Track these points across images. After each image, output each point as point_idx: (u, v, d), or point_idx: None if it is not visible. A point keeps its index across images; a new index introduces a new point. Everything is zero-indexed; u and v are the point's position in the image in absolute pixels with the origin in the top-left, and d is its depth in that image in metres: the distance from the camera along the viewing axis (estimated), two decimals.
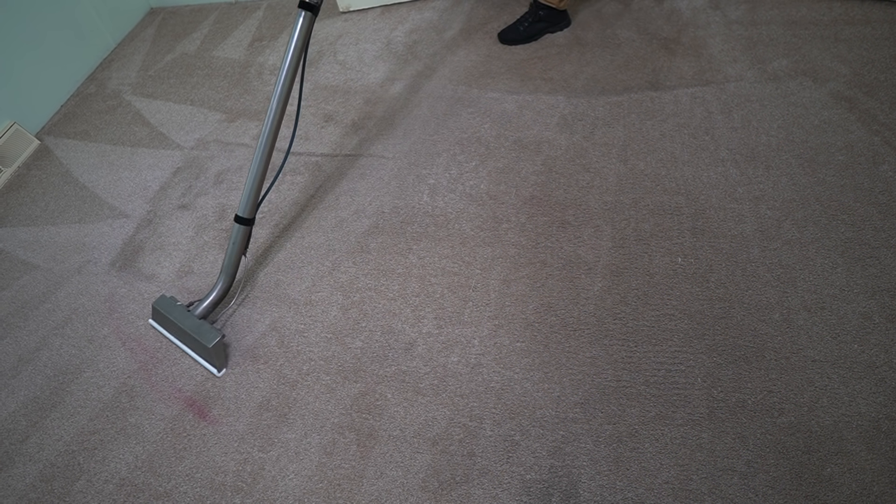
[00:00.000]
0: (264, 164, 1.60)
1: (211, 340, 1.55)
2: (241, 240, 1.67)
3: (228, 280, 1.71)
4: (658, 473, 1.26)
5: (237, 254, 1.68)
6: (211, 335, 1.56)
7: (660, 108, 2.00)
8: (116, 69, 2.91)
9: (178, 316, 1.65)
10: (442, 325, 1.59)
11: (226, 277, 1.70)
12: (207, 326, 1.60)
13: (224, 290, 1.71)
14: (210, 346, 1.54)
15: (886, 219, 1.57)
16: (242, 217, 1.64)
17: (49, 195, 2.29)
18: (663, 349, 1.44)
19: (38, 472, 1.51)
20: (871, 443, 1.23)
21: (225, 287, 1.71)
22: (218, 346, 1.56)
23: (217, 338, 1.55)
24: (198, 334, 1.58)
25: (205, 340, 1.56)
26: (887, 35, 2.04)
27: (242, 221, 1.64)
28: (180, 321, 1.63)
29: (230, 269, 1.70)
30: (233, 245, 1.67)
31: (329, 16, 2.87)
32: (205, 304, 1.68)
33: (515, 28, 2.41)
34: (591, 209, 1.76)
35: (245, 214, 1.64)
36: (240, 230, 1.65)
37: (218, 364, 1.60)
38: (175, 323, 1.64)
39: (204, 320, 1.64)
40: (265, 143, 1.57)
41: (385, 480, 1.34)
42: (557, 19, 2.39)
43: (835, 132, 1.79)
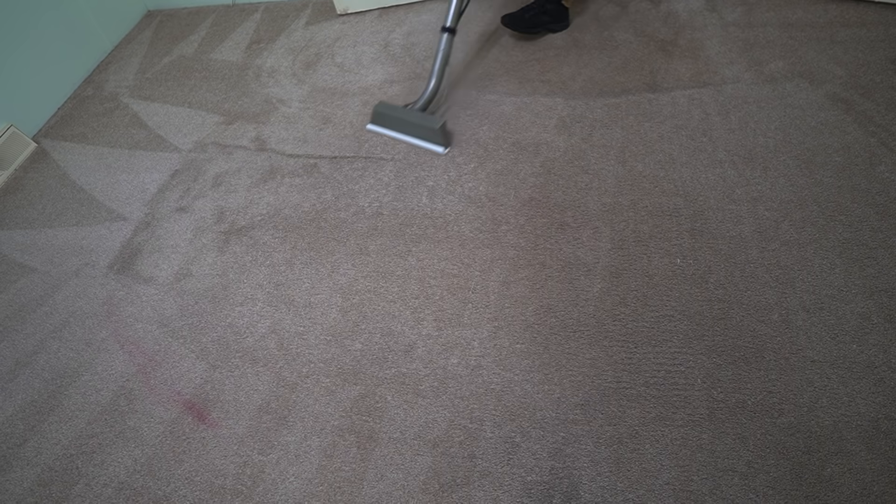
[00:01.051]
0: None
1: (437, 123, 1.97)
2: (448, 46, 2.05)
3: (437, 82, 2.08)
4: (659, 474, 1.26)
5: (443, 61, 2.06)
6: (435, 120, 1.99)
7: (657, 110, 2.00)
8: (114, 72, 2.90)
9: (401, 113, 2.08)
10: (441, 326, 1.59)
11: (436, 80, 2.08)
12: (429, 115, 2.05)
13: (435, 89, 2.09)
14: (437, 127, 1.96)
15: (884, 219, 1.58)
16: (449, 27, 2.03)
17: (46, 198, 2.28)
18: (663, 350, 1.44)
19: (36, 476, 1.50)
20: (870, 443, 1.23)
21: (435, 87, 2.09)
22: (443, 126, 1.98)
23: (441, 121, 1.98)
24: (424, 121, 2.01)
25: (431, 124, 1.98)
26: (882, 37, 2.05)
27: (449, 31, 2.04)
28: (405, 116, 2.06)
29: (440, 72, 2.07)
30: (442, 52, 2.05)
31: (327, 18, 2.87)
32: (421, 101, 2.10)
33: (521, 15, 2.41)
34: (589, 211, 1.76)
35: (451, 25, 2.04)
36: (447, 38, 2.04)
37: (444, 142, 2.02)
38: (400, 118, 2.07)
39: (424, 111, 2.08)
40: None
41: (385, 483, 1.34)
42: (561, 16, 2.40)
43: (831, 134, 1.80)
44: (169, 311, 1.79)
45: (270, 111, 2.42)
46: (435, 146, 2.03)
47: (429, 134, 2.02)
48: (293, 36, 2.82)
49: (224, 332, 1.70)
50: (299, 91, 2.48)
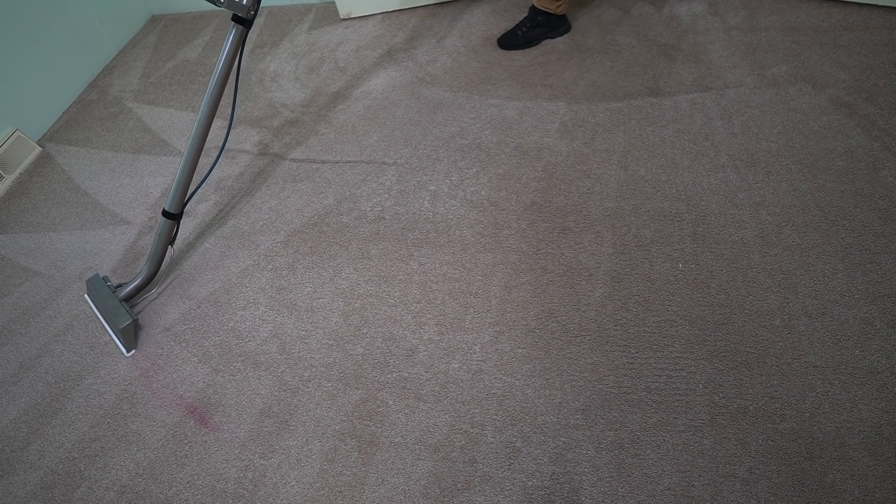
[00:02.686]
0: (191, 165, 1.69)
1: (122, 322, 1.68)
2: (167, 232, 1.77)
3: (153, 269, 1.81)
4: (660, 480, 1.26)
5: (163, 245, 1.78)
6: (124, 317, 1.70)
7: (660, 114, 2.00)
8: (118, 76, 2.92)
9: (103, 295, 1.78)
10: (443, 331, 1.60)
11: (150, 266, 1.80)
12: (124, 309, 1.72)
13: (147, 278, 1.82)
14: (120, 327, 1.68)
15: (887, 224, 1.58)
16: (169, 212, 1.73)
17: (51, 202, 2.29)
18: (664, 355, 1.44)
19: (39, 479, 1.51)
20: (873, 449, 1.23)
21: (149, 275, 1.81)
22: (128, 328, 1.69)
23: (128, 321, 1.69)
24: (114, 314, 1.71)
25: (118, 321, 1.69)
26: (886, 41, 2.05)
27: (169, 216, 1.74)
28: (104, 300, 1.76)
29: (155, 258, 1.79)
30: (158, 237, 1.76)
31: (330, 23, 2.88)
32: (128, 288, 1.79)
33: (514, 33, 2.42)
34: (591, 215, 1.76)
35: (172, 209, 1.73)
36: (165, 223, 1.75)
37: (127, 345, 1.73)
38: (102, 301, 1.77)
39: (124, 302, 1.76)
40: (193, 146, 1.66)
41: (386, 487, 1.34)
42: (556, 24, 2.40)
43: (834, 138, 1.80)
44: (171, 315, 1.80)
45: (273, 115, 2.43)
46: (119, 345, 1.76)
47: (116, 330, 1.73)
48: (296, 40, 2.83)
49: (226, 336, 1.71)
50: (302, 95, 2.49)
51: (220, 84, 1.63)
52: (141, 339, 1.75)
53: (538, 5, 2.32)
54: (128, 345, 1.73)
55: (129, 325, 1.69)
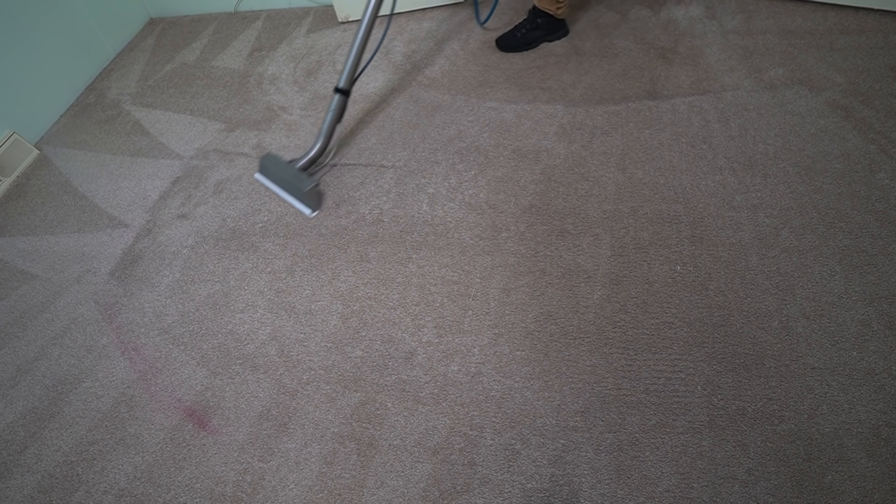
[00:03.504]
0: (362, 44, 1.97)
1: (306, 185, 1.94)
2: (338, 108, 2.01)
3: (324, 142, 2.06)
4: (659, 482, 1.26)
5: (333, 121, 2.03)
6: (308, 182, 1.95)
7: (657, 117, 2.01)
8: (116, 79, 2.92)
9: (282, 168, 2.05)
10: (442, 333, 1.60)
11: (323, 140, 2.05)
12: (305, 175, 1.99)
13: (320, 150, 2.07)
14: (305, 190, 1.94)
15: (883, 226, 1.58)
16: (341, 88, 1.99)
17: (48, 205, 2.29)
18: (663, 357, 1.44)
19: (37, 483, 1.50)
20: (871, 450, 1.23)
21: (321, 148, 2.06)
22: (312, 190, 1.95)
23: (311, 184, 1.94)
24: (297, 181, 1.98)
25: (302, 185, 1.95)
26: (882, 44, 2.06)
27: (341, 92, 1.99)
28: (283, 172, 2.04)
29: (327, 133, 2.04)
30: (331, 113, 2.01)
31: (328, 26, 2.88)
32: (304, 160, 2.06)
33: (513, 34, 2.42)
34: (590, 218, 1.77)
35: (344, 86, 1.99)
36: (338, 99, 2.00)
37: (311, 206, 1.99)
38: (280, 174, 2.05)
39: (303, 171, 2.03)
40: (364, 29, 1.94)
41: (386, 490, 1.34)
42: (555, 27, 2.41)
43: (831, 141, 1.81)
44: (170, 317, 1.79)
45: (272, 118, 2.43)
46: (303, 207, 2.01)
47: (300, 194, 1.99)
48: (295, 43, 2.84)
49: (225, 339, 1.71)
50: (301, 98, 2.49)
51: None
52: (139, 341, 1.75)
53: (539, 6, 2.33)
54: (312, 206, 1.98)
55: (314, 188, 1.95)
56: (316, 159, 2.07)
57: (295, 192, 2.01)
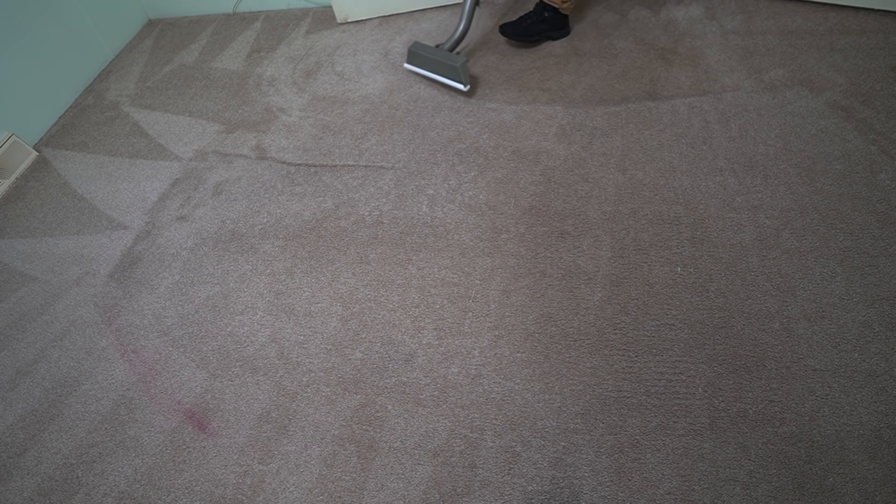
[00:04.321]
0: None
1: (458, 62, 2.15)
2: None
3: (466, 24, 2.26)
4: (660, 484, 1.26)
5: (473, 2, 2.23)
6: (458, 58, 2.16)
7: (657, 118, 2.01)
8: (115, 80, 2.91)
9: (431, 51, 2.27)
10: (442, 335, 1.59)
11: (465, 22, 2.25)
12: (454, 55, 2.20)
13: (463, 32, 2.27)
14: (458, 66, 2.14)
15: (884, 227, 1.58)
16: None
17: (47, 207, 2.29)
18: (664, 359, 1.44)
19: (37, 485, 1.50)
20: (873, 452, 1.23)
21: (464, 30, 2.27)
22: (464, 65, 2.15)
23: (462, 60, 2.15)
24: (449, 59, 2.18)
25: (453, 62, 2.16)
26: (882, 45, 2.05)
27: None
28: (433, 54, 2.25)
29: (468, 15, 2.25)
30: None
31: (327, 27, 2.88)
32: (449, 42, 2.29)
33: (518, 23, 2.42)
34: (590, 219, 1.76)
35: None
36: None
37: (464, 80, 2.19)
38: (429, 57, 2.27)
39: (451, 51, 2.26)
40: None
41: (386, 493, 1.34)
42: (560, 24, 2.41)
43: (832, 141, 1.80)
44: (169, 319, 1.79)
45: (271, 120, 2.43)
46: (456, 83, 2.22)
47: (451, 72, 2.20)
48: (293, 45, 2.83)
49: (224, 341, 1.70)
50: (300, 100, 2.49)
51: None
52: (139, 344, 1.75)
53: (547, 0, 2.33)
54: (464, 81, 2.19)
55: (464, 62, 2.15)
56: (461, 40, 2.28)
57: (447, 70, 2.22)
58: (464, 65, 2.15)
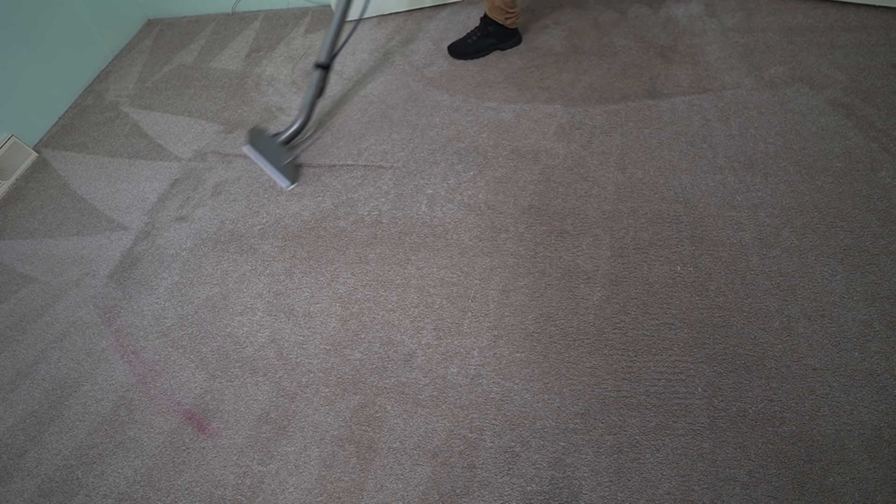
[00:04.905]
0: (340, 21, 2.02)
1: (285, 159, 2.05)
2: (319, 83, 2.09)
3: (306, 117, 2.14)
4: (659, 484, 1.25)
5: (315, 96, 2.11)
6: (286, 155, 2.06)
7: (657, 117, 2.00)
8: (114, 81, 2.91)
9: (265, 140, 2.15)
10: (441, 336, 1.59)
11: (304, 115, 2.13)
12: (286, 149, 2.09)
13: (302, 124, 2.15)
14: (283, 164, 2.06)
15: (885, 225, 1.57)
16: (321, 63, 2.06)
17: (47, 207, 2.29)
18: (663, 358, 1.43)
19: (37, 487, 1.50)
20: (873, 452, 1.23)
21: (303, 122, 2.14)
22: (290, 163, 2.06)
23: (290, 157, 2.06)
24: (277, 153, 2.09)
25: (282, 158, 2.07)
26: (883, 41, 2.05)
27: (322, 67, 2.07)
28: (266, 144, 2.15)
29: (308, 108, 2.12)
30: (311, 87, 2.09)
31: (326, 26, 2.87)
32: (286, 134, 2.14)
33: (465, 41, 2.44)
34: (589, 218, 1.76)
35: (324, 61, 2.06)
36: (318, 74, 2.07)
37: (290, 178, 2.08)
38: (264, 145, 2.16)
39: (285, 145, 2.12)
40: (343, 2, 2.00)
41: (385, 493, 1.34)
42: (506, 36, 2.42)
43: (832, 139, 1.80)
44: (169, 320, 1.79)
45: (270, 119, 2.42)
46: (282, 179, 2.09)
47: (279, 167, 2.10)
48: (292, 44, 2.83)
49: (224, 342, 1.70)
50: (299, 99, 2.49)
51: None
52: (138, 344, 1.75)
53: (489, 15, 2.34)
54: (291, 179, 2.07)
55: (291, 161, 2.06)
56: (297, 133, 2.16)
57: (276, 163, 2.11)
58: (290, 164, 2.06)
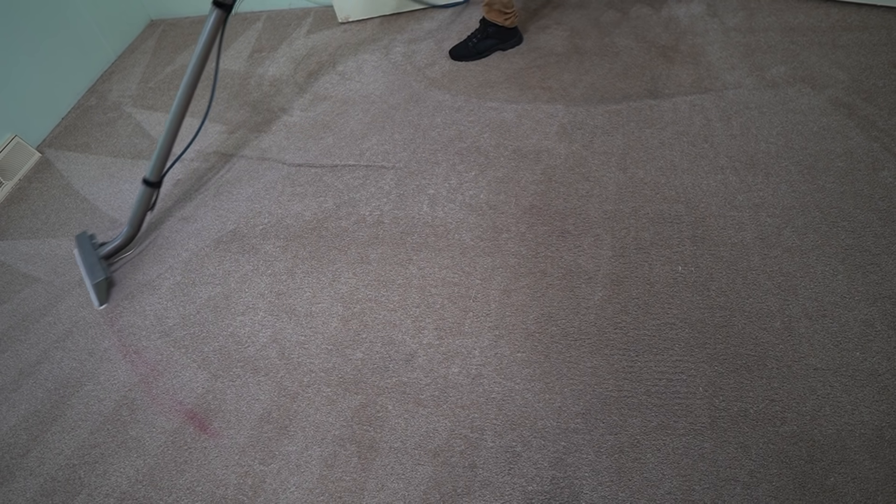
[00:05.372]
0: (170, 139, 1.87)
1: (97, 278, 1.87)
2: (145, 199, 1.94)
3: (132, 232, 1.98)
4: (660, 484, 1.25)
5: (142, 210, 1.95)
6: (99, 273, 1.88)
7: (659, 116, 2.00)
8: (117, 81, 2.92)
9: (88, 251, 1.96)
10: (442, 335, 1.59)
11: (130, 229, 1.97)
12: (101, 266, 1.91)
13: (127, 239, 1.99)
14: (94, 282, 1.87)
15: (887, 225, 1.57)
16: (149, 180, 1.91)
17: (50, 208, 2.29)
18: (664, 358, 1.43)
19: (39, 486, 1.51)
20: (874, 451, 1.22)
21: (128, 237, 1.98)
22: (101, 283, 1.87)
23: (102, 276, 1.87)
24: (93, 270, 1.90)
25: (94, 276, 1.88)
26: (885, 41, 2.04)
27: (148, 184, 1.91)
28: (87, 256, 1.94)
29: (134, 222, 1.96)
30: (138, 203, 1.93)
31: (328, 27, 2.88)
32: (108, 247, 1.97)
33: (465, 44, 2.45)
34: (590, 218, 1.76)
35: (151, 178, 1.91)
36: (144, 191, 1.92)
37: (99, 298, 1.89)
38: (86, 255, 1.95)
39: (104, 260, 1.94)
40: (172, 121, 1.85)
41: (386, 493, 1.34)
42: (507, 36, 2.43)
43: (834, 139, 1.80)
44: (171, 320, 1.80)
45: (272, 120, 2.43)
46: (94, 297, 1.90)
47: (93, 283, 1.88)
48: (295, 45, 2.83)
49: (225, 342, 1.71)
50: (301, 100, 2.49)
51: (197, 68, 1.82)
52: (140, 344, 1.75)
53: (487, 17, 2.34)
54: (100, 298, 1.89)
55: (103, 280, 1.88)
56: (121, 248, 2.00)
57: (91, 278, 1.89)
58: (102, 282, 1.87)
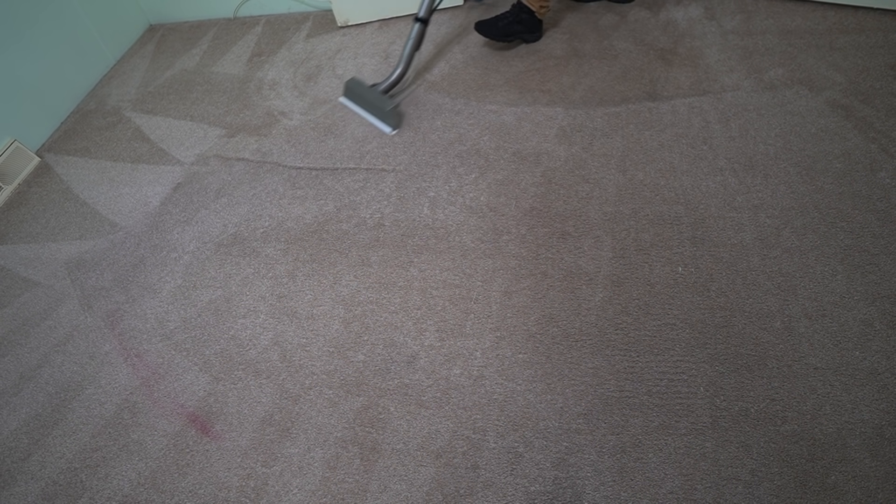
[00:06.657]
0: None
1: (388, 105, 2.17)
2: (418, 36, 2.20)
3: (404, 68, 2.24)
4: (662, 483, 1.26)
5: (413, 48, 2.21)
6: (389, 102, 2.18)
7: (658, 119, 2.01)
8: (116, 86, 2.92)
9: (365, 91, 2.28)
10: (444, 337, 1.60)
11: (403, 66, 2.24)
12: (387, 97, 2.22)
13: (400, 75, 2.26)
14: (387, 110, 2.17)
15: (885, 225, 1.58)
16: (421, 17, 2.17)
17: (50, 212, 2.30)
18: (665, 359, 1.44)
19: (41, 490, 1.51)
20: (874, 450, 1.23)
21: (401, 73, 2.25)
22: (394, 109, 2.17)
23: (393, 104, 2.17)
24: (380, 102, 2.20)
25: (384, 105, 2.18)
26: (881, 43, 2.06)
27: (421, 21, 2.17)
28: (366, 94, 2.27)
29: (407, 59, 2.23)
30: (411, 41, 2.20)
31: (328, 30, 2.89)
32: (385, 83, 2.27)
33: (494, 23, 2.42)
34: (590, 220, 1.77)
35: (423, 15, 2.16)
36: (418, 27, 2.18)
37: (392, 124, 2.21)
38: (363, 95, 2.28)
39: (385, 93, 2.26)
40: None
41: (389, 494, 1.34)
42: (534, 27, 2.43)
43: (832, 140, 1.81)
44: (172, 323, 1.80)
45: (272, 123, 2.44)
46: (384, 126, 2.22)
47: (381, 114, 2.22)
48: (294, 48, 2.84)
49: (227, 345, 1.71)
50: (301, 103, 2.50)
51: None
52: (141, 348, 1.75)
53: (524, 1, 2.34)
54: (392, 124, 2.20)
55: (394, 107, 2.17)
56: (396, 83, 2.27)
57: (377, 112, 2.23)
58: (394, 109, 2.16)
